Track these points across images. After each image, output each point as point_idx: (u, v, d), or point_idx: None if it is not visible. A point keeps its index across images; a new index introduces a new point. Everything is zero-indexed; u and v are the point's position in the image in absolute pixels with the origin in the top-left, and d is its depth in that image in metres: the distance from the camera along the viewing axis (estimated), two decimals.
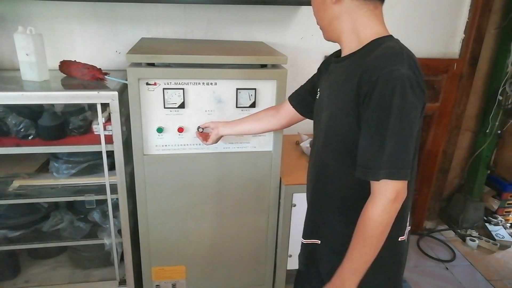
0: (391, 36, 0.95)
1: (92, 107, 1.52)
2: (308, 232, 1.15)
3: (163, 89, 1.39)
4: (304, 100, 1.26)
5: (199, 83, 1.42)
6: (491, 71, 2.35)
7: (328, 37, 1.03)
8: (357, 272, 0.91)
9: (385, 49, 0.89)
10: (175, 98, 1.41)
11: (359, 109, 0.89)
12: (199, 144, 1.50)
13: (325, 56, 1.19)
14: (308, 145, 1.86)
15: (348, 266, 0.92)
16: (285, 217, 1.63)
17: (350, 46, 0.97)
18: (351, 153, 0.93)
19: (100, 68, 1.55)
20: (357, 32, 0.95)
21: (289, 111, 1.31)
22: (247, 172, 1.57)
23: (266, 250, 1.72)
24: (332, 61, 1.04)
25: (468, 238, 2.46)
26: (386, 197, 0.86)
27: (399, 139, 0.85)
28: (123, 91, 1.45)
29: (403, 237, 1.03)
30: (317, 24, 1.04)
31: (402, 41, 0.94)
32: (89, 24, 1.77)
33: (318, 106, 1.09)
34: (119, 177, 1.51)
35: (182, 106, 1.43)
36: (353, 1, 0.93)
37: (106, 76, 1.54)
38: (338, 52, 1.05)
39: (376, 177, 0.87)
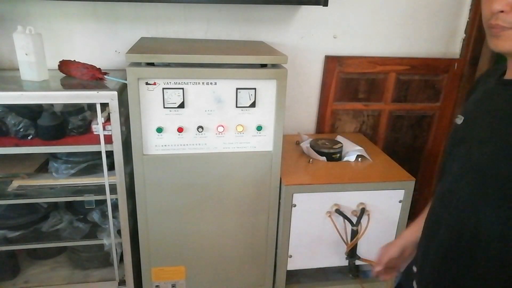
0: None
1: (91, 107, 1.51)
2: None
3: (163, 88, 1.39)
4: None
5: (199, 83, 1.41)
6: None
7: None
8: None
9: None
10: (174, 97, 1.41)
11: None
12: (199, 144, 1.49)
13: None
14: (308, 145, 1.85)
15: None
16: (285, 217, 1.63)
17: None
18: None
19: (99, 68, 1.55)
20: None
21: None
22: (247, 172, 1.56)
23: (266, 250, 1.72)
24: (498, 82, 0.81)
25: None
26: None
27: None
28: (122, 91, 1.45)
29: None
30: None
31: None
32: (89, 23, 1.77)
33: (460, 134, 0.84)
34: (118, 177, 1.51)
35: (181, 106, 1.42)
36: None
37: (105, 76, 1.53)
38: (500, 70, 0.82)
39: None
